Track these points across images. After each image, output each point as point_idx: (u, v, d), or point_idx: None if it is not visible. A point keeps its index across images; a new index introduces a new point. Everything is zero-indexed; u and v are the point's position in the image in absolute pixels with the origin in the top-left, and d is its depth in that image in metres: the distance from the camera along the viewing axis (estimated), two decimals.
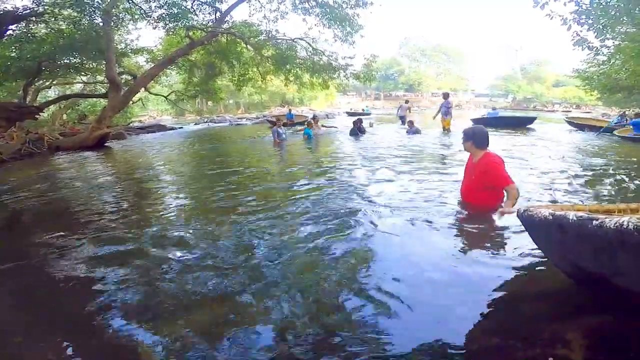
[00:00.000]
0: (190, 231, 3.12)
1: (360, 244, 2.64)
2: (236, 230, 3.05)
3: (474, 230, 2.88)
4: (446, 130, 11.15)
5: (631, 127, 10.22)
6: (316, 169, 5.85)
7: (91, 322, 1.85)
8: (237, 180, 5.25)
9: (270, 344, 1.60)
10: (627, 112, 14.02)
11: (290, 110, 21.62)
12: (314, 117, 12.62)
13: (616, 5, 7.79)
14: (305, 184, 4.71)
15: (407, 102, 16.72)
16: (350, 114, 22.67)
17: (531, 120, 14.47)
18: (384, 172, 5.30)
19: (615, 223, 1.13)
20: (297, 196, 4.10)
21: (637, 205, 1.94)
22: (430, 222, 3.04)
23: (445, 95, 11.64)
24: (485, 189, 3.11)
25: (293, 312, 1.84)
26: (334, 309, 1.85)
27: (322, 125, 13.27)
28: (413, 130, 10.82)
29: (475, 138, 3.16)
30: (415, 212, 3.31)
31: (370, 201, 3.76)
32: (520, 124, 13.62)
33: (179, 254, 2.64)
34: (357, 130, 11.00)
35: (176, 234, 3.08)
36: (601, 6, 7.73)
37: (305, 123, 11.98)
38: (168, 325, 1.76)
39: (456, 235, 2.77)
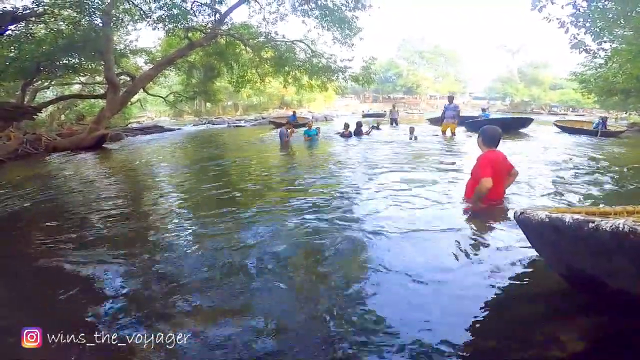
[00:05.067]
0: (188, 234, 3.12)
1: (358, 246, 2.64)
2: (235, 235, 3.04)
3: (469, 231, 2.89)
4: (451, 135, 10.83)
5: None
6: (319, 174, 5.77)
7: (87, 322, 1.84)
8: (238, 181, 5.25)
9: (269, 347, 1.60)
10: (602, 116, 14.43)
11: (294, 112, 21.62)
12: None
13: (613, 9, 7.84)
14: (308, 187, 4.70)
15: (394, 106, 18.94)
16: (367, 115, 24.51)
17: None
18: (385, 173, 5.29)
19: (611, 225, 1.14)
20: (299, 200, 4.09)
21: (634, 208, 1.95)
22: (427, 222, 3.04)
23: (451, 99, 11.27)
24: (477, 184, 3.17)
25: (289, 314, 1.84)
26: (330, 310, 1.85)
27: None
28: (414, 135, 10.85)
29: (484, 135, 3.32)
30: (414, 213, 3.32)
31: (371, 204, 3.76)
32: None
33: (175, 256, 2.63)
34: (352, 133, 11.04)
35: (172, 236, 3.07)
36: (599, 9, 7.77)
37: (307, 124, 11.95)
38: (164, 326, 1.76)
39: (451, 237, 2.77)
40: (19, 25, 11.52)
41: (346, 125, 11.46)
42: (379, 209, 3.50)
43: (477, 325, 1.69)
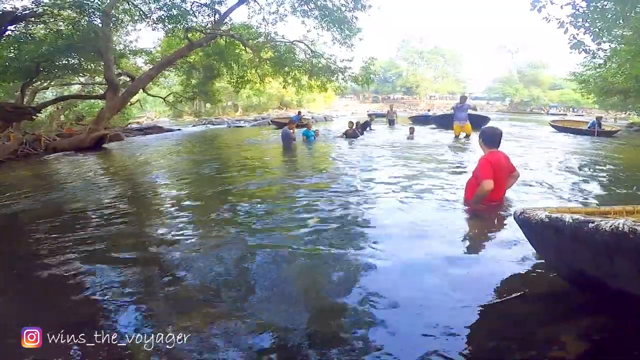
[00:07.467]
0: (188, 235, 3.11)
1: (358, 247, 2.64)
2: (236, 237, 3.04)
3: (469, 232, 2.89)
4: (466, 136, 10.42)
5: None
6: (321, 176, 5.73)
7: (87, 322, 1.83)
8: (239, 182, 5.24)
9: (269, 348, 1.60)
10: (597, 116, 14.65)
11: (299, 112, 22.05)
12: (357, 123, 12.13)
13: (613, 9, 7.83)
14: (310, 188, 4.70)
15: (391, 107, 19.78)
16: (371, 115, 25.77)
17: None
18: (386, 174, 5.30)
19: (611, 225, 1.14)
20: (299, 201, 4.09)
21: (633, 208, 1.95)
22: (427, 223, 3.04)
23: (464, 98, 10.93)
24: (477, 185, 3.18)
25: (290, 315, 1.83)
26: (328, 314, 1.85)
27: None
28: (413, 136, 10.88)
29: (484, 136, 3.35)
30: (413, 214, 3.32)
31: (372, 205, 3.76)
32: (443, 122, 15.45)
33: (175, 257, 2.62)
34: (354, 133, 11.05)
35: (172, 238, 3.06)
36: (598, 9, 7.77)
37: (307, 125, 11.93)
38: (164, 326, 1.75)
39: (451, 237, 2.77)
40: (18, 26, 11.52)
41: (351, 124, 11.51)
42: (379, 210, 3.51)
43: (477, 325, 1.69)
